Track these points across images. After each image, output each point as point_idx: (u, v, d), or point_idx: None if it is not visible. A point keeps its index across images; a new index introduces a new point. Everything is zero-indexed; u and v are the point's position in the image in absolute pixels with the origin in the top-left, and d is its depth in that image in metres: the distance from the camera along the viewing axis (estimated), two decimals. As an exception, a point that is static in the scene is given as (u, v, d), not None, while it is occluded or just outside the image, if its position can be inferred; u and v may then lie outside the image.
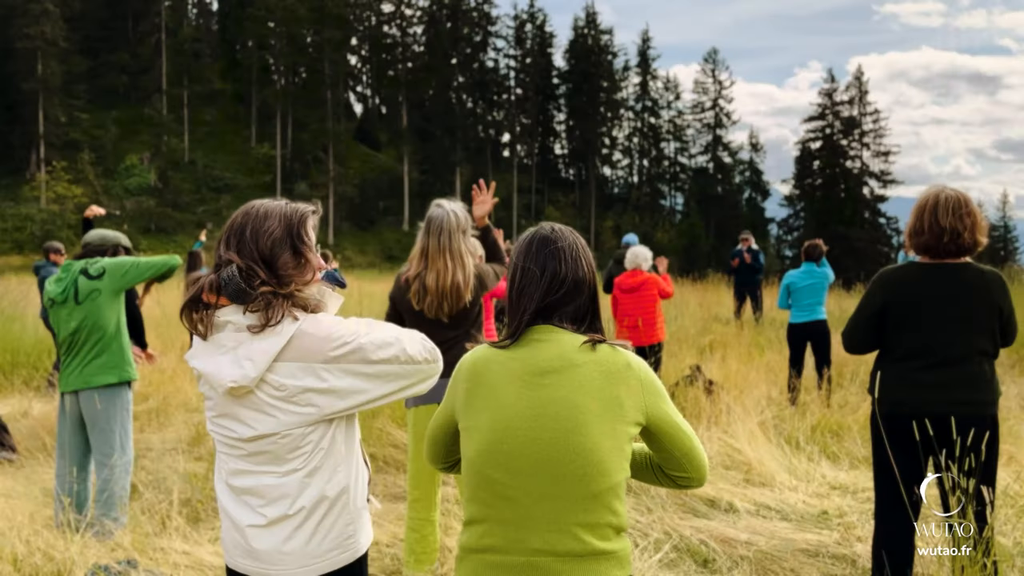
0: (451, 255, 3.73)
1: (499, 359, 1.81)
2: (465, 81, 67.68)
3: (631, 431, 1.76)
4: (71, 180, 54.83)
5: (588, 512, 1.71)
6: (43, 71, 57.84)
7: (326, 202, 60.11)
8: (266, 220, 2.00)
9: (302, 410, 1.94)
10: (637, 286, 7.48)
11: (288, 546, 1.98)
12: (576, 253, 1.84)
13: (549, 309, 1.80)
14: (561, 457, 1.71)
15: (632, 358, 1.80)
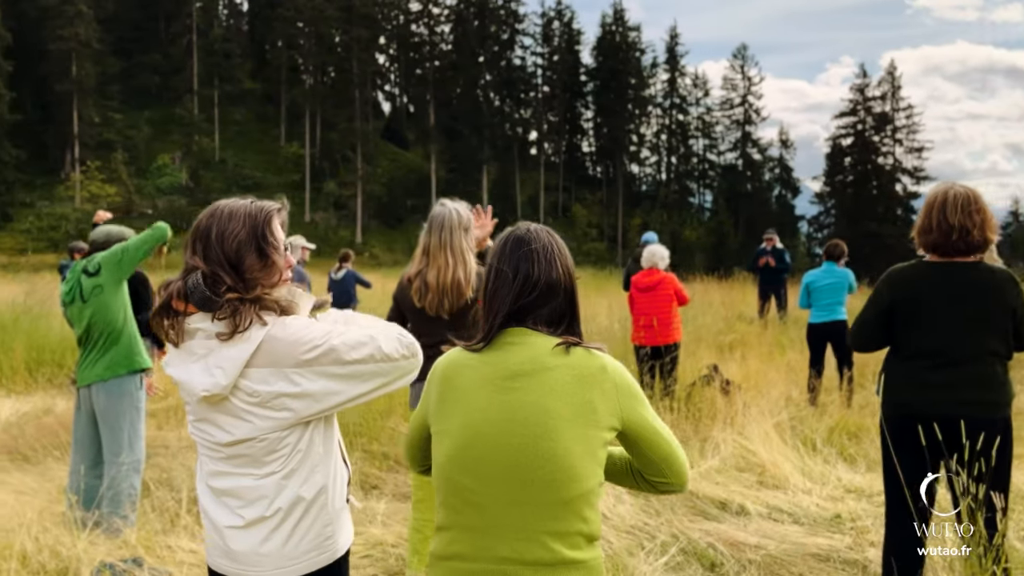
0: (452, 252, 3.71)
1: (471, 363, 1.78)
2: (492, 79, 67.66)
3: (605, 436, 1.72)
4: (104, 179, 55.71)
5: (558, 520, 1.67)
6: (77, 72, 58.79)
7: (354, 200, 60.49)
8: (231, 222, 1.97)
9: (277, 415, 1.93)
10: (653, 285, 7.41)
11: (265, 548, 1.97)
12: (551, 254, 1.79)
13: (522, 311, 1.76)
14: (530, 463, 1.67)
15: (607, 361, 1.75)
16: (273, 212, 2.03)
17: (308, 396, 1.93)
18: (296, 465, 1.98)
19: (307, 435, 1.98)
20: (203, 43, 64.94)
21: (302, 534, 1.97)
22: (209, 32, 65.42)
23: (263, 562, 1.98)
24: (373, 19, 67.31)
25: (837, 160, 65.76)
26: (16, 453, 5.91)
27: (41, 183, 58.35)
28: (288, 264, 2.07)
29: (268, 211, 2.02)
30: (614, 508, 4.74)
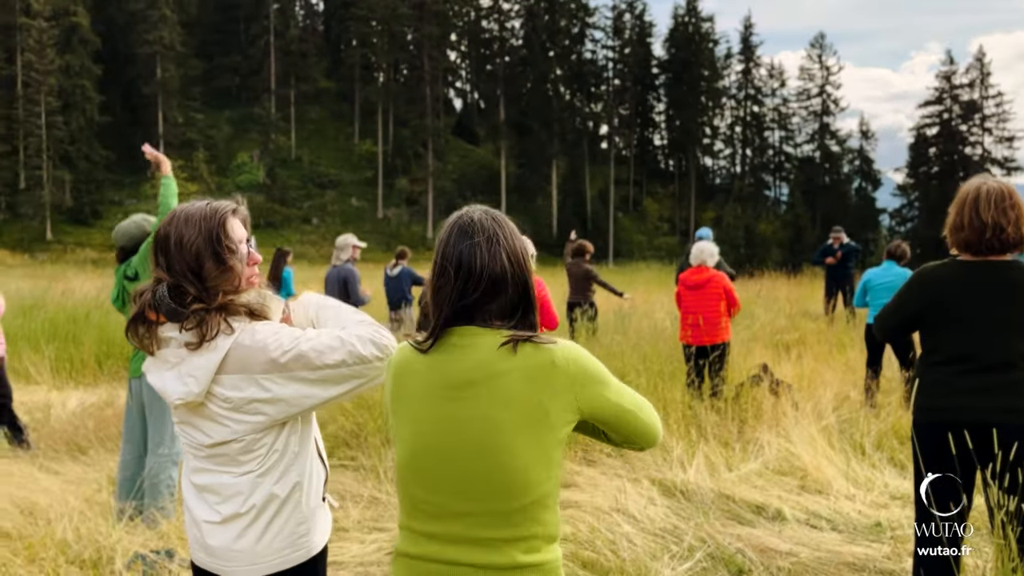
0: None
1: (419, 367, 1.72)
2: (563, 73, 67.41)
3: (560, 435, 1.66)
4: (187, 178, 57.63)
5: (513, 526, 1.64)
6: (162, 75, 61.01)
7: (425, 196, 61.16)
8: (187, 227, 1.98)
9: (252, 418, 1.97)
10: (702, 283, 7.25)
11: (239, 544, 2.01)
12: (495, 247, 1.68)
13: (469, 309, 1.68)
14: (481, 475, 1.64)
15: (557, 353, 1.64)
16: (227, 214, 2.02)
17: (281, 400, 1.96)
18: (272, 464, 2.01)
19: (283, 435, 2.01)
20: (280, 44, 66.56)
21: (276, 531, 2.00)
22: (286, 33, 66.99)
23: (237, 558, 2.01)
24: (444, 16, 67.87)
25: (921, 151, 63.34)
26: (73, 444, 6.16)
27: (129, 182, 60.82)
28: (254, 262, 2.08)
29: (222, 214, 2.01)
30: (644, 510, 4.67)
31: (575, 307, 9.91)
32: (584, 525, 4.45)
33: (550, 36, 66.48)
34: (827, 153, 67.70)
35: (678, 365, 7.47)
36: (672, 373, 7.09)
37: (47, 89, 57.03)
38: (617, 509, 4.68)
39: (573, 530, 4.40)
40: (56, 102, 57.52)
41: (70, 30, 59.44)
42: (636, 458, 5.55)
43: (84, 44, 60.26)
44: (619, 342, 7.82)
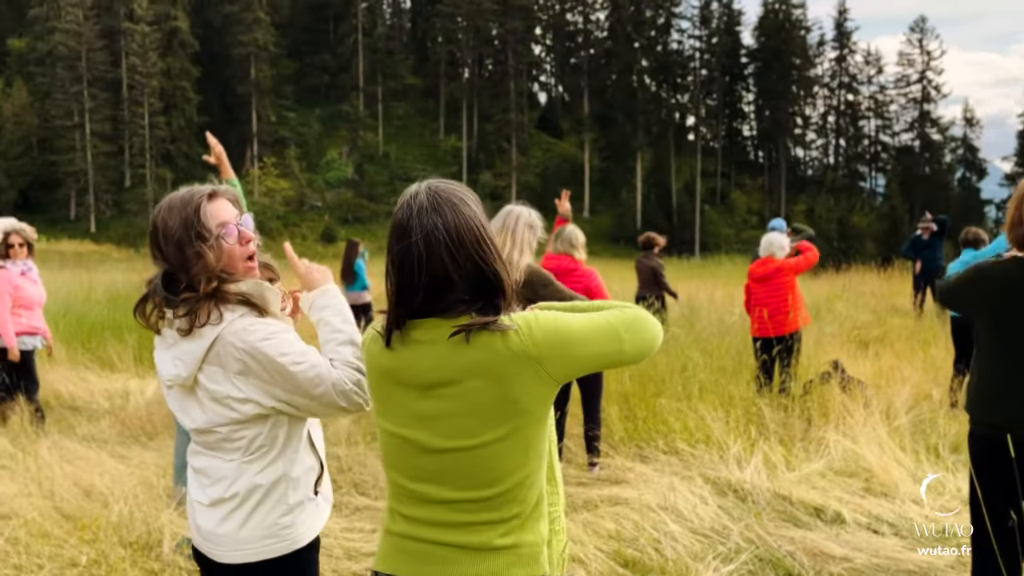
0: (512, 236, 3.84)
1: (386, 362, 1.67)
2: (648, 65, 66.54)
3: (539, 412, 1.61)
4: (279, 174, 59.50)
5: (492, 511, 1.61)
6: (256, 75, 63.09)
7: (508, 191, 61.33)
8: (169, 217, 1.99)
9: (228, 412, 1.98)
10: (769, 275, 7.01)
11: (222, 528, 2.02)
12: (433, 244, 1.57)
13: (422, 305, 1.61)
14: (458, 468, 1.61)
15: (513, 339, 1.55)
16: (202, 199, 1.99)
17: (252, 402, 1.97)
18: (257, 455, 2.01)
19: (267, 429, 2.00)
20: (368, 42, 67.90)
21: (258, 520, 2.00)
22: (374, 31, 68.27)
23: (221, 542, 2.03)
24: (528, 10, 67.91)
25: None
26: (144, 430, 6.40)
27: (225, 179, 63.04)
28: (246, 241, 2.03)
29: (197, 199, 1.98)
30: (694, 509, 4.53)
31: (642, 301, 9.74)
32: (629, 523, 4.35)
33: (635, 27, 65.68)
34: (927, 142, 64.83)
35: (745, 360, 7.24)
36: (735, 369, 6.87)
37: (150, 91, 59.74)
38: (665, 507, 4.55)
39: (618, 527, 4.31)
40: (158, 103, 60.22)
41: (171, 34, 62.07)
42: (691, 455, 5.40)
43: (184, 47, 62.84)
44: (679, 336, 7.62)
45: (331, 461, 5.57)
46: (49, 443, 5.67)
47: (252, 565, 2.01)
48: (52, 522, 4.12)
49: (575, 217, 37.64)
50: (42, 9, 62.67)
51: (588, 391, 5.63)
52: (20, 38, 67.08)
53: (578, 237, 5.67)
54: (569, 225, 5.76)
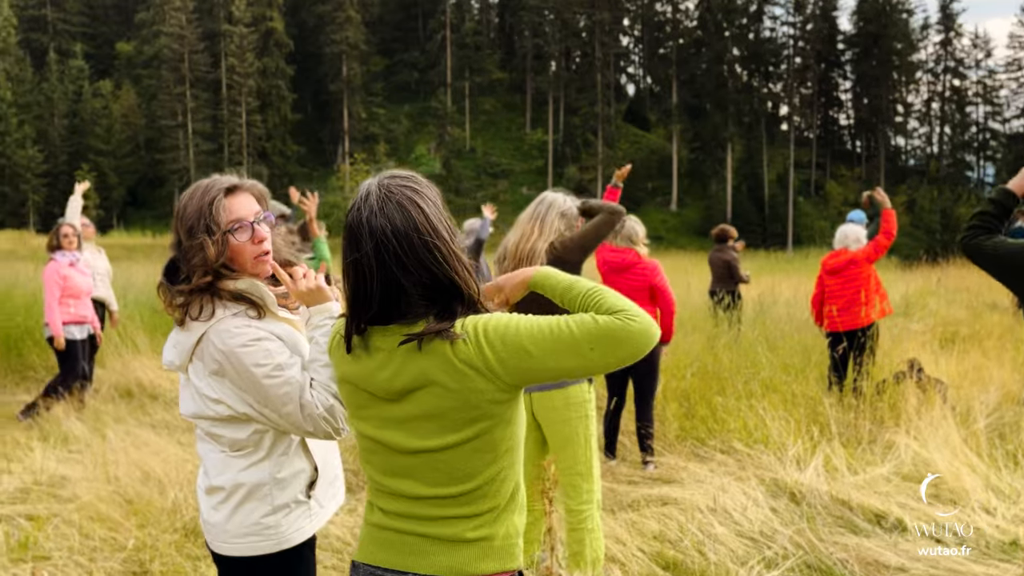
0: (541, 224, 3.70)
1: (348, 368, 1.65)
2: (739, 54, 64.88)
3: (503, 415, 1.57)
4: (369, 170, 60.74)
5: (464, 505, 1.60)
6: (347, 73, 64.50)
7: (594, 184, 60.95)
8: (188, 204, 2.00)
9: (204, 408, 2.01)
10: (841, 267, 6.72)
11: (213, 517, 2.06)
12: (383, 252, 1.52)
13: (379, 315, 1.58)
14: (428, 468, 1.61)
15: (460, 349, 1.52)
16: (220, 192, 1.98)
17: (224, 404, 1.98)
18: (241, 453, 2.03)
19: (249, 431, 2.00)
20: (456, 38, 68.50)
21: (243, 516, 2.02)
22: (462, 27, 68.81)
23: (211, 530, 2.07)
24: (616, 1, 67.18)
25: None
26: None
27: (317, 175, 64.85)
28: (259, 240, 2.01)
29: (216, 190, 1.98)
30: (744, 511, 4.38)
31: (715, 296, 9.50)
32: (674, 523, 4.24)
33: (726, 16, 64.08)
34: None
35: (815, 357, 6.97)
36: (802, 366, 6.61)
37: (247, 90, 61.86)
38: (714, 508, 4.41)
39: (662, 528, 4.20)
40: (255, 102, 62.30)
41: (267, 34, 64.10)
42: (748, 456, 5.22)
43: (279, 47, 64.80)
44: (746, 332, 7.39)
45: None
46: (122, 430, 5.92)
47: (238, 559, 2.02)
48: (111, 506, 4.29)
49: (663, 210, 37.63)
50: (148, 14, 65.69)
51: (641, 388, 5.52)
52: (128, 42, 70.52)
53: (638, 231, 5.56)
54: (630, 218, 5.65)
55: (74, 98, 63.26)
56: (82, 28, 71.91)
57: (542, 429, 3.68)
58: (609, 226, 3.78)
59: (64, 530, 4.02)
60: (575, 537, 3.64)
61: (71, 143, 61.42)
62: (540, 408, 3.63)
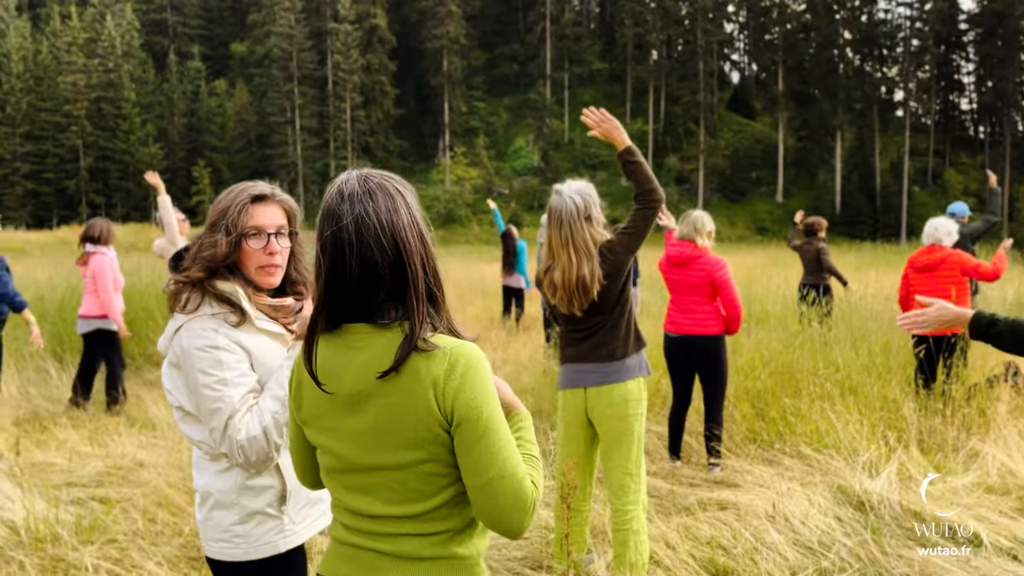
0: (574, 248, 3.44)
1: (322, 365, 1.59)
2: (851, 38, 62.21)
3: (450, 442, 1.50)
4: (468, 163, 61.43)
5: (421, 524, 1.55)
6: (447, 67, 65.36)
7: (696, 174, 59.79)
8: (223, 198, 2.04)
9: (170, 396, 2.05)
10: (933, 265, 6.33)
11: (199, 515, 2.10)
12: (366, 228, 1.47)
13: (347, 305, 1.52)
14: (383, 485, 1.55)
15: (446, 361, 1.47)
16: (248, 198, 2.02)
17: (173, 396, 2.03)
18: (210, 457, 2.03)
19: (203, 433, 2.01)
20: (555, 29, 68.38)
21: (214, 522, 2.03)
22: (561, 18, 68.64)
23: (199, 526, 2.11)
24: (720, -14, 65.59)
25: None
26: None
27: (419, 169, 66.05)
28: (270, 252, 2.02)
29: (244, 197, 2.02)
30: (806, 519, 4.20)
31: (810, 290, 9.14)
32: (729, 529, 4.10)
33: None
34: None
35: (905, 358, 6.61)
36: (887, 367, 6.29)
37: (351, 86, 63.54)
38: (773, 515, 4.25)
39: (715, 533, 4.08)
40: (359, 98, 63.95)
41: (370, 31, 65.64)
42: (818, 461, 5.00)
43: (382, 43, 66.27)
44: (822, 331, 7.08)
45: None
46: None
47: (216, 562, 2.05)
48: (177, 491, 4.48)
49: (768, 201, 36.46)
50: (260, 15, 68.31)
51: (708, 389, 5.36)
52: (241, 43, 73.55)
53: (705, 223, 5.37)
54: (698, 210, 5.49)
55: (192, 97, 66.50)
56: (199, 31, 75.44)
57: (594, 426, 3.61)
58: (650, 218, 3.59)
59: (132, 514, 4.22)
60: (620, 538, 3.57)
61: (189, 140, 64.59)
62: (595, 404, 3.55)
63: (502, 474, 1.47)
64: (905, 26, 63.29)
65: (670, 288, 5.40)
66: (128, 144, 60.87)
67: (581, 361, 3.55)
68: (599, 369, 3.50)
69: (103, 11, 67.35)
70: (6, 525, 4.06)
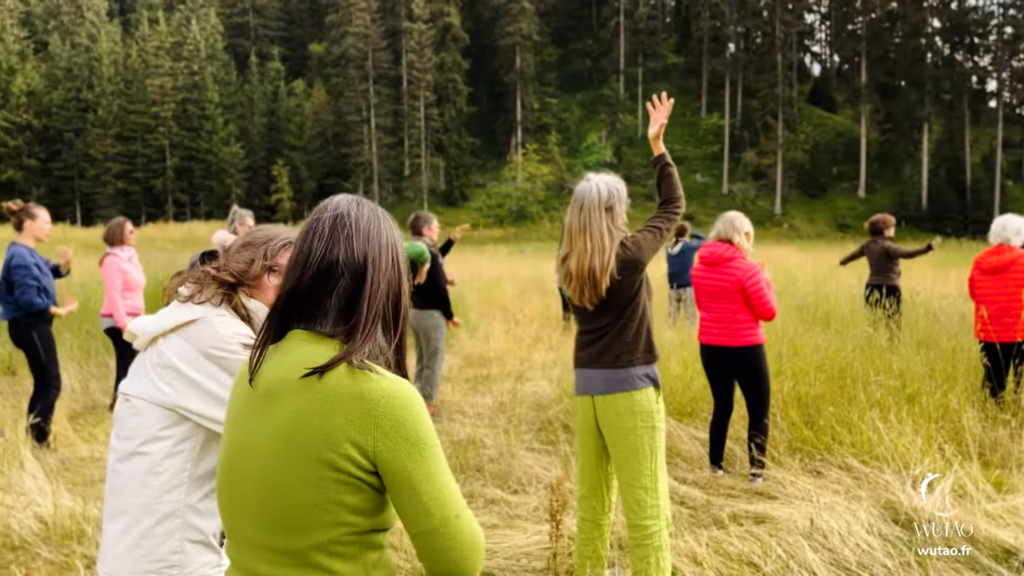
0: (590, 236, 3.32)
1: (244, 379, 1.52)
2: (940, 26, 59.70)
3: (353, 478, 1.36)
4: (540, 160, 61.32)
5: (294, 568, 1.39)
6: (520, 64, 65.37)
7: (773, 169, 58.31)
8: (268, 230, 2.16)
9: (160, 385, 1.92)
10: (1001, 267, 5.93)
11: (115, 546, 1.95)
12: (340, 228, 1.44)
13: (296, 304, 1.44)
14: (262, 505, 1.40)
15: (374, 388, 1.35)
16: (287, 241, 2.12)
17: (196, 387, 1.93)
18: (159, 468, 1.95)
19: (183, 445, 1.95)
20: (629, 23, 67.66)
21: (144, 550, 1.92)
22: (635, 12, 67.85)
23: (114, 561, 2.00)
24: (800, -24, 63.76)
25: None
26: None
27: (492, 166, 66.32)
28: None
29: (286, 239, 2.13)
30: (846, 537, 3.95)
31: (873, 291, 8.72)
32: (760, 546, 3.89)
33: (925, -16, 59.20)
34: None
35: (972, 365, 6.22)
36: (950, 375, 5.92)
37: (425, 85, 64.17)
38: (810, 531, 4.02)
39: (746, 549, 3.87)
40: (432, 96, 64.55)
41: (444, 29, 66.15)
42: (866, 473, 4.72)
43: (455, 41, 66.71)
44: (885, 335, 6.72)
45: (480, 450, 5.59)
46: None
47: None
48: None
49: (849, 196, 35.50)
50: (337, 16, 69.58)
51: (750, 398, 5.12)
52: (320, 43, 75.10)
53: (743, 222, 5.14)
54: (733, 212, 5.26)
55: (271, 98, 68.23)
56: (279, 32, 77.36)
57: (604, 437, 3.47)
58: (674, 220, 3.46)
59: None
60: (639, 554, 3.41)
61: (269, 140, 66.29)
62: (603, 414, 3.41)
63: (457, 513, 1.36)
64: (998, 13, 60.36)
65: (700, 295, 5.17)
66: (211, 144, 62.83)
67: (588, 366, 3.42)
68: (604, 376, 3.35)
69: (189, 15, 69.67)
70: (38, 520, 4.14)
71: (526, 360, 9.18)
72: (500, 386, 7.83)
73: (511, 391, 7.45)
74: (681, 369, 6.59)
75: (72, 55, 65.25)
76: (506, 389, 7.65)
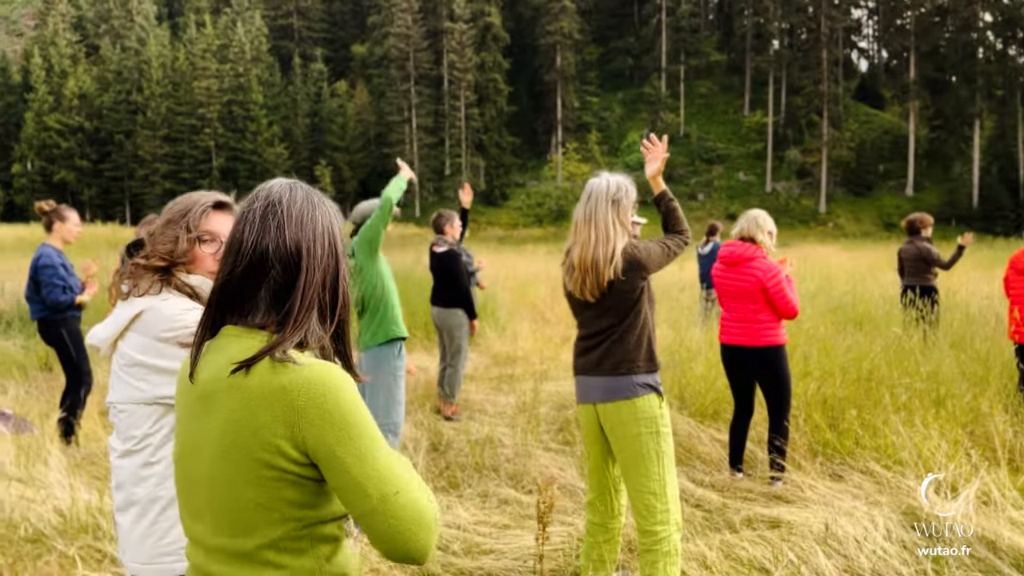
0: (595, 226, 3.30)
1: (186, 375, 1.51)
2: (992, 20, 58.14)
3: (292, 473, 1.34)
4: (580, 159, 61.09)
5: (245, 568, 1.39)
6: (561, 63, 65.22)
7: (818, 167, 57.36)
8: (185, 199, 2.10)
9: (136, 384, 1.98)
10: (1038, 265, 5.75)
11: (132, 533, 2.02)
12: (272, 215, 1.41)
13: (230, 296, 1.43)
14: (209, 505, 1.40)
15: (294, 378, 1.33)
16: (209, 204, 2.08)
17: (166, 372, 1.97)
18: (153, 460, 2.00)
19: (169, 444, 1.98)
20: (671, 21, 67.06)
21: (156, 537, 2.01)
22: (677, 10, 67.24)
23: (132, 547, 2.06)
24: (846, -29, 62.61)
25: None
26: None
27: (532, 165, 66.28)
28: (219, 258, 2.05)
29: (205, 201, 2.08)
30: (862, 543, 3.86)
31: (908, 291, 8.51)
32: (772, 551, 3.81)
33: (976, -23, 57.66)
34: None
35: (1008, 368, 6.04)
36: (982, 377, 5.74)
37: (466, 85, 64.36)
38: (825, 537, 3.92)
39: (758, 555, 3.80)
40: (472, 96, 64.71)
41: (484, 29, 66.28)
42: (888, 478, 4.60)
43: (496, 41, 66.79)
44: (918, 336, 6.54)
45: (498, 449, 5.57)
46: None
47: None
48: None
49: (897, 195, 34.75)
50: (379, 16, 70.14)
51: (770, 400, 5.03)
52: (362, 44, 75.78)
53: (766, 220, 5.05)
54: (756, 210, 5.17)
55: (315, 99, 69.00)
56: (323, 34, 78.22)
57: (609, 443, 3.43)
58: (682, 247, 3.45)
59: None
60: (648, 560, 3.36)
61: (312, 140, 67.06)
62: (607, 420, 3.37)
63: (396, 490, 1.32)
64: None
65: (721, 295, 5.09)
66: (256, 145, 63.77)
67: (588, 373, 3.37)
68: (604, 383, 3.31)
69: (235, 18, 70.81)
70: (57, 513, 4.23)
71: (553, 359, 9.14)
72: (523, 385, 7.80)
73: (533, 390, 7.42)
74: (705, 370, 6.51)
75: (122, 58, 66.76)
76: (529, 388, 7.61)
